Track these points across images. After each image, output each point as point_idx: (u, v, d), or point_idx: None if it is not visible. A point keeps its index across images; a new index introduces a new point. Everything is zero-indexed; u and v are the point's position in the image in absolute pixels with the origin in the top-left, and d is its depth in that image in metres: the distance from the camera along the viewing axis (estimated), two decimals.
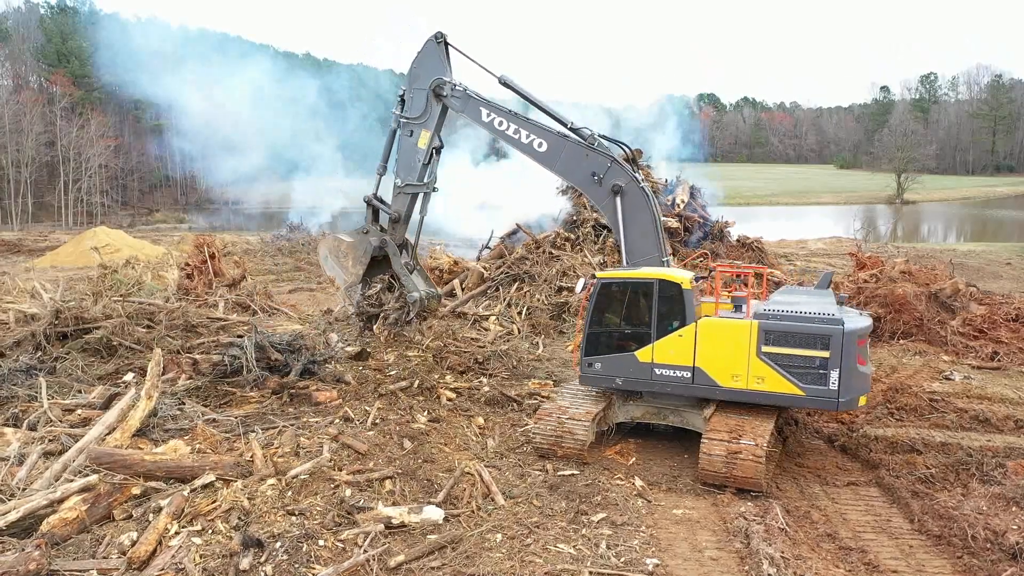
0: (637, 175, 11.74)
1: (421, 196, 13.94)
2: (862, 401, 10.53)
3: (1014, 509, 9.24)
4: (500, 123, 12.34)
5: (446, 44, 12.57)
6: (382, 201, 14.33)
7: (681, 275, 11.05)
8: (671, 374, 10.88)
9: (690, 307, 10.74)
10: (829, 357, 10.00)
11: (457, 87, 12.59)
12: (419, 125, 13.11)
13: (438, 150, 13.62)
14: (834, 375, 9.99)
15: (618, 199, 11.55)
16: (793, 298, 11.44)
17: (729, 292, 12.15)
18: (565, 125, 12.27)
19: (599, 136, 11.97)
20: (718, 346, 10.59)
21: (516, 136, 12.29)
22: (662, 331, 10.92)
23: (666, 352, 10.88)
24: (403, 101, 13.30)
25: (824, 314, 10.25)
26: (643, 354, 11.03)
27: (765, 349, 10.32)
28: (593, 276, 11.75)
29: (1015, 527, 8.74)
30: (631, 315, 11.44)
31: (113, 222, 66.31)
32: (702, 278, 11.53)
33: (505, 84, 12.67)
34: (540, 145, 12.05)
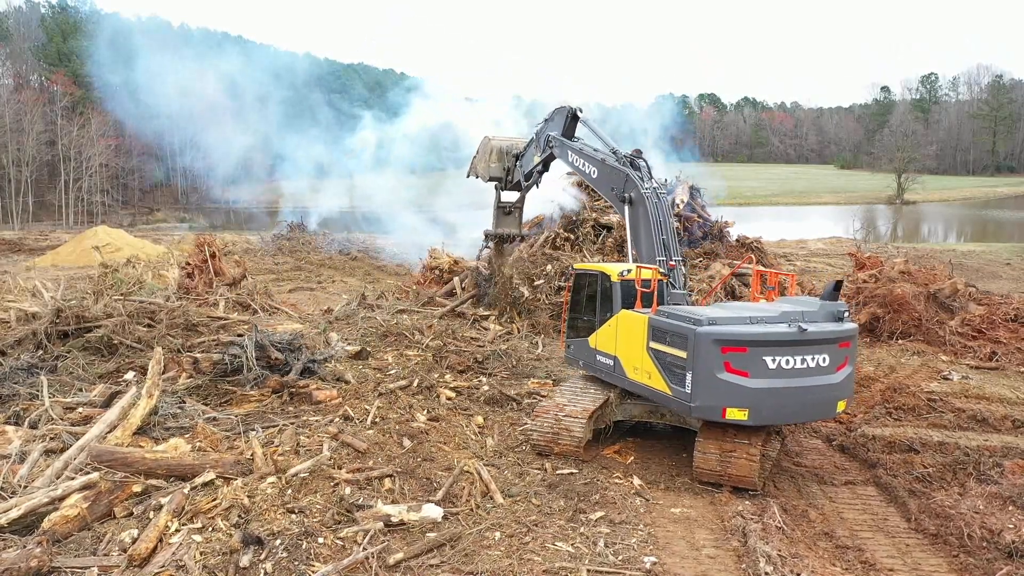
0: (645, 184, 12.48)
1: (523, 186, 18.40)
2: (734, 415, 9.61)
3: (1010, 508, 9.28)
4: (576, 160, 14.85)
5: (576, 117, 15.68)
6: (517, 163, 18.47)
7: (612, 268, 11.89)
8: (604, 361, 11.60)
9: (616, 298, 11.40)
10: (686, 358, 9.70)
11: (557, 139, 15.91)
12: (538, 150, 16.99)
13: (540, 172, 17.64)
14: (688, 378, 9.67)
15: (627, 208, 12.73)
16: (777, 305, 11.14)
17: (765, 296, 12.13)
18: (609, 149, 14.06)
19: (627, 155, 13.38)
20: (627, 338, 10.98)
21: (584, 168, 14.60)
22: (602, 320, 11.73)
23: (603, 339, 11.66)
24: (545, 122, 16.97)
25: (691, 315, 9.80)
26: (592, 340, 12.00)
27: (651, 344, 10.35)
28: (572, 267, 13.10)
29: (1011, 526, 8.78)
30: (588, 304, 12.41)
31: (113, 221, 66.42)
32: (664, 273, 11.65)
33: (583, 122, 15.69)
34: (593, 172, 14.20)
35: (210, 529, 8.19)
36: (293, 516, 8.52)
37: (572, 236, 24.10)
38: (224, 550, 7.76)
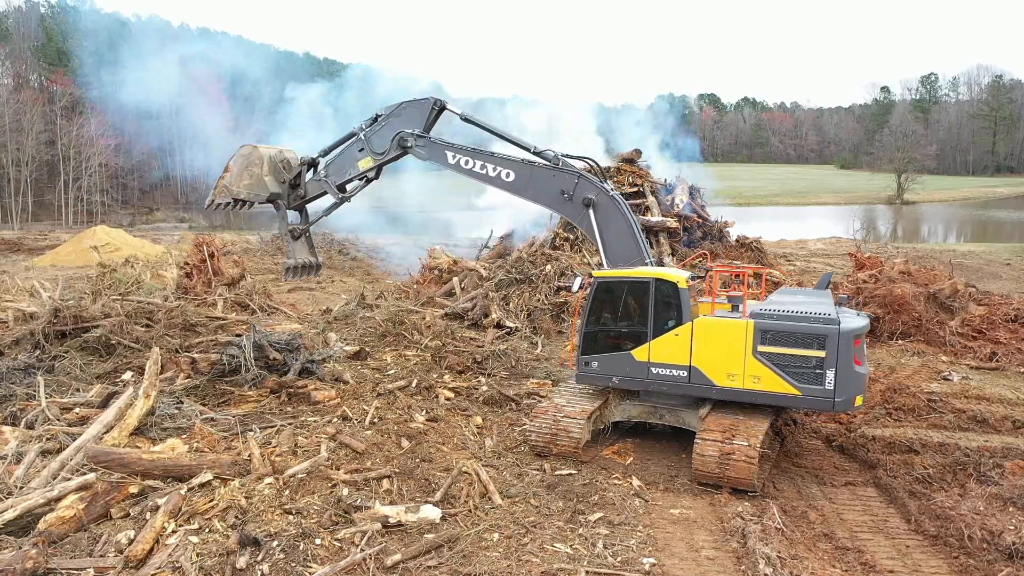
0: (606, 185, 11.83)
1: (332, 200, 14.02)
2: (858, 402, 10.40)
3: (1011, 509, 9.25)
4: (466, 162, 12.49)
5: (441, 110, 12.87)
6: (318, 171, 14.17)
7: (677, 274, 11.17)
8: (668, 373, 10.92)
9: (686, 306, 10.82)
10: (825, 357, 9.97)
11: (421, 136, 12.80)
12: (371, 152, 13.27)
13: (370, 180, 13.78)
14: (830, 375, 9.96)
15: (591, 211, 11.69)
16: (790, 298, 11.40)
17: (726, 292, 12.13)
18: (529, 151, 12.35)
19: (563, 156, 12.07)
20: (714, 345, 10.60)
21: (483, 172, 12.43)
22: (658, 330, 10.98)
23: (662, 351, 10.93)
24: (375, 119, 13.36)
25: (820, 314, 10.20)
26: (640, 353, 11.09)
27: (761, 348, 10.30)
28: (590, 275, 11.78)
29: (1011, 527, 8.75)
30: (628, 314, 11.50)
31: (113, 221, 66.33)
32: (698, 278, 11.55)
33: (467, 120, 12.86)
34: (508, 175, 12.23)
35: (207, 530, 8.16)
36: (290, 517, 8.49)
37: (571, 237, 24.07)
38: (221, 551, 7.73)
